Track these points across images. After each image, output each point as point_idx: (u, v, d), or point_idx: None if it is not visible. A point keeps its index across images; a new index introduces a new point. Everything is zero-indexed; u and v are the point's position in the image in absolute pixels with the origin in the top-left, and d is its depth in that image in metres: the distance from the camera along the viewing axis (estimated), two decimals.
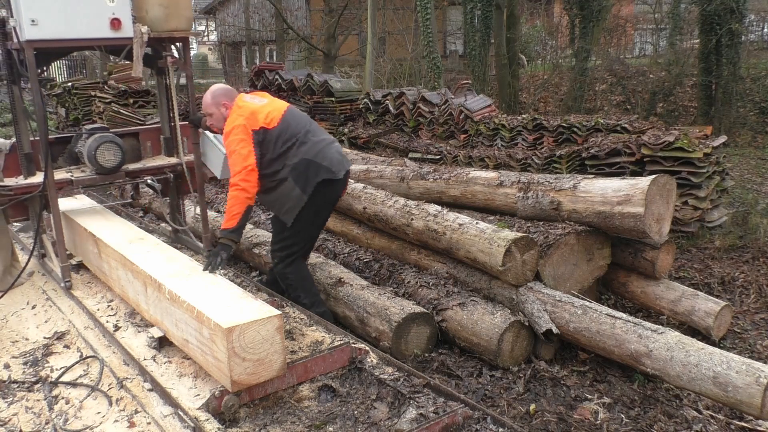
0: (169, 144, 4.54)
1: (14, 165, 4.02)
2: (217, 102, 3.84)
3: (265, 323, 2.74)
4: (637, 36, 19.09)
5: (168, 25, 3.89)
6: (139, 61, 3.73)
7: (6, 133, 11.31)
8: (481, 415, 2.70)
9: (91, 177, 4.05)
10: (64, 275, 3.95)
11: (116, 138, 4.06)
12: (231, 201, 3.58)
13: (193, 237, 4.68)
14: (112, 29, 3.59)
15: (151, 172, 4.35)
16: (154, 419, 2.74)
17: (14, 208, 3.98)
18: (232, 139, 3.63)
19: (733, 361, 2.95)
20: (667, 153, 5.60)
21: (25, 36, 3.35)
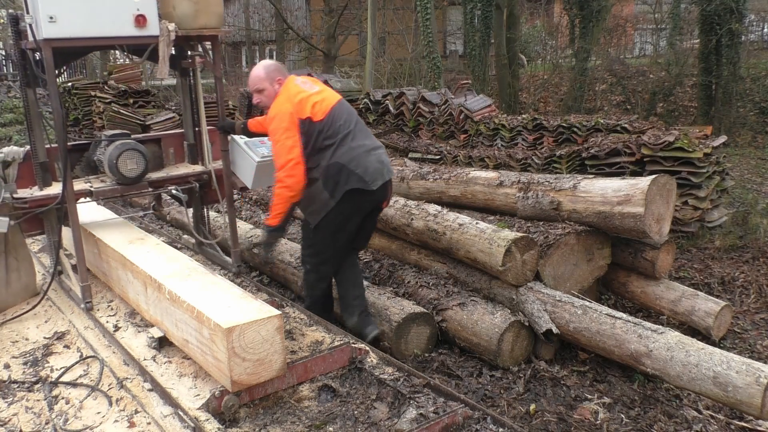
0: (193, 151, 4.26)
1: (29, 175, 3.74)
2: (271, 77, 3.54)
3: (265, 323, 2.74)
4: (637, 36, 19.08)
5: (197, 22, 3.59)
6: (165, 61, 3.45)
7: (6, 133, 11.31)
8: (481, 415, 2.70)
9: (112, 188, 3.75)
10: (84, 296, 3.64)
11: (139, 145, 3.77)
12: (275, 198, 3.45)
13: (219, 251, 4.38)
14: (136, 26, 3.30)
15: (176, 181, 4.04)
16: (154, 419, 2.74)
17: (28, 222, 3.67)
18: (276, 127, 3.40)
19: (733, 361, 2.95)
20: (667, 153, 5.60)
21: (43, 34, 3.08)
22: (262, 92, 3.57)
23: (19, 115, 12.55)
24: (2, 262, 3.76)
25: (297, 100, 3.43)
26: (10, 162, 3.68)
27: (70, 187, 3.45)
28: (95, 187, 3.71)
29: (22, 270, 3.86)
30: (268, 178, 3.88)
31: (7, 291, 3.81)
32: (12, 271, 3.81)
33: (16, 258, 3.82)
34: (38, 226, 3.82)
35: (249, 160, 3.88)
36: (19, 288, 3.87)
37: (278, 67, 3.60)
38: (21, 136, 11.19)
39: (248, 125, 3.97)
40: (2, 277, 3.78)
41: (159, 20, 3.42)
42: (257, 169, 3.85)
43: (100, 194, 3.72)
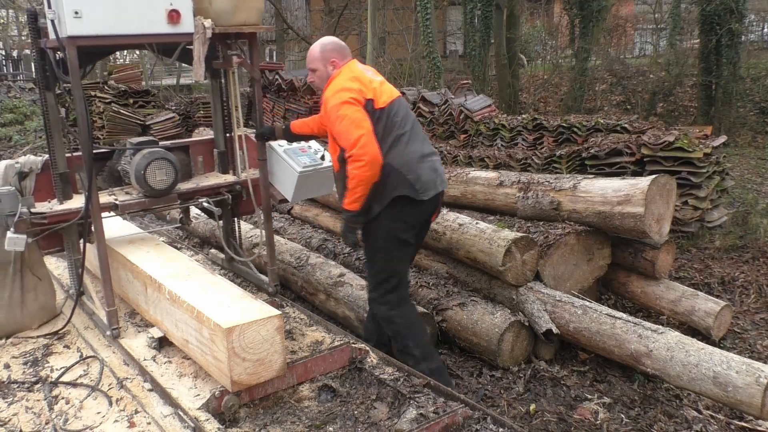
0: (224, 159, 3.96)
1: (47, 186, 3.46)
2: (325, 57, 3.22)
3: (265, 323, 2.74)
4: (637, 36, 19.09)
5: (236, 19, 3.27)
6: (201, 62, 3.14)
7: (6, 133, 11.31)
8: (481, 415, 2.70)
9: (138, 200, 3.43)
10: (110, 322, 3.30)
11: (168, 154, 3.46)
12: (354, 180, 3.01)
13: (254, 268, 4.03)
14: (169, 23, 3.00)
15: (206, 192, 3.71)
16: (154, 419, 2.74)
17: (47, 239, 3.37)
18: (340, 101, 3.04)
19: (733, 361, 2.95)
20: (667, 153, 5.60)
21: (67, 31, 2.78)
22: (314, 72, 3.27)
23: (19, 115, 12.55)
24: (18, 281, 3.49)
25: (363, 80, 3.14)
26: (27, 173, 3.42)
27: (95, 200, 3.14)
28: (120, 200, 3.40)
29: (40, 290, 3.60)
30: (309, 190, 3.69)
31: (22, 312, 3.54)
32: (28, 290, 3.55)
33: (32, 277, 3.55)
34: (57, 243, 3.55)
35: (290, 171, 3.56)
36: (36, 308, 3.60)
37: (336, 48, 3.24)
38: (21, 136, 11.18)
39: (291, 127, 3.62)
40: (17, 298, 3.50)
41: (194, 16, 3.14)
42: (299, 180, 3.53)
43: (125, 208, 3.40)
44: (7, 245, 3.17)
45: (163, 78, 23.17)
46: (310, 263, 4.53)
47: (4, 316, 3.49)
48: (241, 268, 4.21)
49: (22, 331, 3.54)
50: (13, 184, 3.34)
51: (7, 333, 3.51)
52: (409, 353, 3.20)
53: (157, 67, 23.51)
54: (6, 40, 21.21)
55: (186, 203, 3.70)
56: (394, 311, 3.25)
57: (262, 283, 3.94)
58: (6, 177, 3.35)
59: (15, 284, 3.48)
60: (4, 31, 20.78)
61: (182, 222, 4.26)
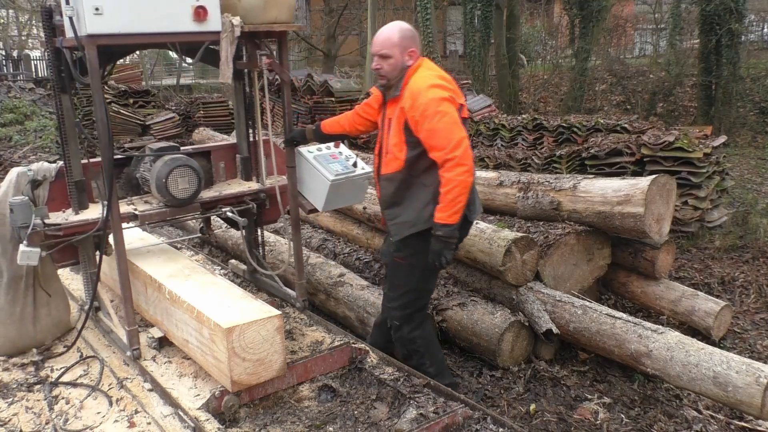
0: (247, 165, 3.74)
1: (61, 195, 3.26)
2: (404, 45, 2.89)
3: (265, 323, 2.74)
4: (637, 36, 19.10)
5: (266, 16, 3.05)
6: (228, 63, 2.92)
7: (6, 133, 11.31)
8: (481, 415, 2.70)
9: (159, 210, 3.22)
10: (131, 342, 3.07)
11: (191, 161, 3.25)
12: (456, 187, 2.72)
13: (279, 282, 3.78)
14: (195, 20, 2.79)
15: (230, 201, 3.49)
16: (154, 419, 2.74)
17: (61, 251, 3.17)
18: (436, 98, 2.76)
19: (733, 361, 2.95)
20: (667, 153, 5.60)
21: (87, 29, 2.58)
22: (386, 59, 2.90)
23: (19, 115, 12.54)
24: (30, 296, 3.32)
25: (452, 85, 2.90)
26: (41, 181, 3.20)
27: (116, 211, 2.92)
28: (140, 210, 3.19)
29: (53, 304, 3.41)
30: (341, 199, 3.48)
31: (35, 327, 3.35)
32: (41, 305, 3.36)
33: (46, 291, 3.37)
34: (72, 256, 3.35)
35: (321, 179, 3.32)
36: (50, 324, 3.41)
37: (414, 36, 2.96)
38: (21, 136, 11.18)
39: (322, 127, 3.44)
40: (30, 313, 3.32)
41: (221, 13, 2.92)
42: (331, 189, 3.30)
43: (146, 218, 3.19)
44: (20, 259, 2.97)
45: (163, 78, 23.18)
46: (310, 263, 4.53)
47: (16, 332, 3.31)
48: (265, 281, 3.96)
49: (34, 347, 3.36)
50: (25, 193, 3.13)
51: (19, 350, 3.34)
52: (424, 371, 3.09)
53: (157, 67, 23.52)
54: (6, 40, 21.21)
55: (208, 213, 3.47)
56: (417, 331, 3.14)
57: (288, 298, 3.72)
58: (18, 185, 3.16)
59: (27, 299, 3.31)
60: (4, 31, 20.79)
61: (203, 232, 3.97)
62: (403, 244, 3.02)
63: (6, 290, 3.26)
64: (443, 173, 2.74)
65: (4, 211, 3.12)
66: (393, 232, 3.03)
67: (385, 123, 3.01)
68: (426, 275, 3.11)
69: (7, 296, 3.26)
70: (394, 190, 2.97)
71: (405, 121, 2.85)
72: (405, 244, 3.01)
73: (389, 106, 2.97)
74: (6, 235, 3.17)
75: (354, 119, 3.33)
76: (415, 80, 2.86)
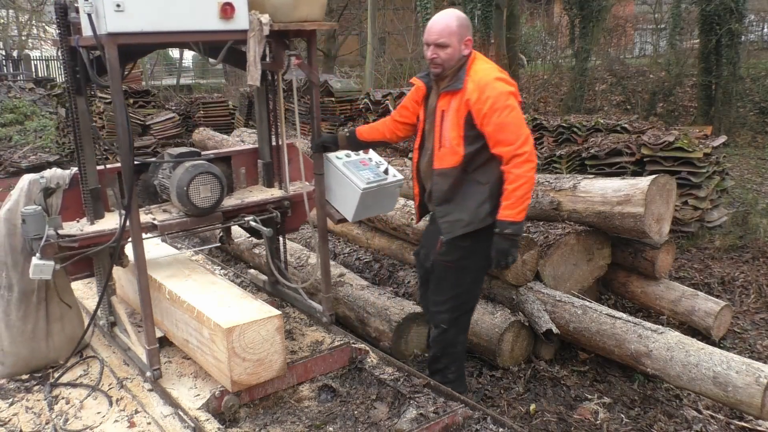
0: (269, 171, 3.59)
1: (75, 204, 3.09)
2: (461, 34, 2.74)
3: (265, 323, 2.74)
4: (637, 36, 19.09)
5: (297, 13, 2.90)
6: (256, 63, 2.76)
7: (6, 133, 11.31)
8: (481, 415, 2.70)
9: (179, 220, 3.05)
10: (151, 362, 2.89)
11: (213, 167, 3.08)
12: (525, 183, 2.65)
13: (304, 295, 3.63)
14: (222, 18, 2.65)
15: (252, 209, 3.32)
16: (154, 419, 2.74)
17: (76, 263, 2.98)
18: (505, 91, 2.69)
19: (733, 361, 2.95)
20: (667, 153, 5.60)
21: (107, 27, 2.42)
22: (444, 48, 2.74)
23: (19, 115, 12.55)
24: (42, 310, 3.15)
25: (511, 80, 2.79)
26: (54, 189, 3.03)
27: (136, 221, 2.74)
28: (159, 220, 3.02)
29: (67, 319, 3.23)
30: (371, 208, 3.31)
31: (47, 344, 3.18)
32: (54, 321, 3.18)
33: (59, 306, 3.20)
34: (86, 268, 3.20)
35: (351, 187, 3.15)
36: (63, 340, 3.23)
37: (470, 25, 2.83)
38: (21, 136, 11.18)
39: (357, 134, 3.24)
40: (42, 329, 3.15)
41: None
42: (362, 198, 3.13)
43: (165, 229, 3.02)
44: (33, 273, 2.79)
45: (163, 78, 23.18)
46: (310, 263, 4.53)
47: (28, 350, 3.13)
48: (287, 293, 3.79)
49: (48, 365, 3.21)
50: (37, 201, 2.97)
51: (31, 368, 3.17)
52: (445, 375, 3.05)
53: (157, 67, 23.52)
54: (6, 40, 21.21)
55: (230, 222, 3.28)
56: (462, 335, 3.07)
57: (313, 311, 3.56)
58: (30, 194, 2.99)
59: (39, 314, 3.13)
60: (4, 31, 20.79)
61: (222, 242, 3.74)
62: (452, 247, 2.88)
63: (17, 305, 3.08)
64: (511, 169, 2.66)
65: (15, 222, 2.97)
66: (445, 230, 2.86)
67: (436, 116, 2.82)
68: (478, 277, 3.04)
69: (18, 312, 3.08)
70: (449, 186, 2.82)
71: (467, 114, 2.71)
72: (454, 247, 2.87)
73: (442, 98, 2.80)
74: (17, 246, 3.00)
75: (393, 126, 3.15)
76: (478, 72, 2.74)
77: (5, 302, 3.06)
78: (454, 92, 2.75)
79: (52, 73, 22.36)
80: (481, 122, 2.69)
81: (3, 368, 3.13)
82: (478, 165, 2.77)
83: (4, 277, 3.04)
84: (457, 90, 2.74)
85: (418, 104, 3.02)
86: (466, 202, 2.81)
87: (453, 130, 2.75)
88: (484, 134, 2.70)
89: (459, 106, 2.73)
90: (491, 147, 2.71)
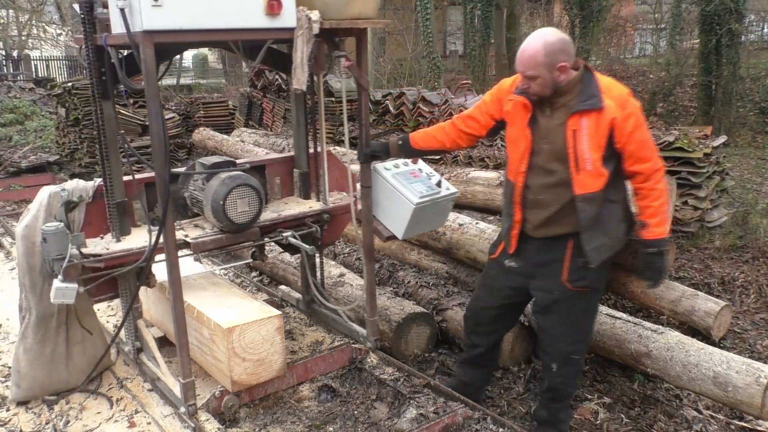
0: (306, 181, 3.35)
1: (98, 219, 2.85)
2: (550, 62, 2.48)
3: (265, 323, 2.74)
4: (637, 36, 19.09)
5: (349, 10, 2.67)
6: (303, 65, 2.55)
7: (6, 133, 11.30)
8: (481, 415, 2.71)
9: (214, 237, 2.79)
10: (186, 396, 2.62)
11: (251, 179, 2.83)
12: (667, 197, 2.59)
13: (345, 317, 3.38)
14: (268, 14, 2.44)
15: (290, 223, 3.08)
16: (154, 419, 2.74)
17: (100, 285, 2.74)
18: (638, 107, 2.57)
19: (733, 361, 2.95)
20: (667, 153, 5.59)
21: (143, 24, 2.22)
22: (533, 80, 2.53)
23: (19, 115, 12.53)
24: (63, 334, 2.95)
25: None
26: (76, 203, 2.79)
27: (172, 240, 2.51)
28: (192, 238, 2.77)
29: (88, 342, 3.04)
30: (423, 224, 3.06)
31: (67, 368, 2.99)
32: (74, 344, 2.99)
33: (80, 328, 3.01)
34: (111, 289, 2.93)
35: (402, 202, 2.89)
36: (84, 364, 3.03)
37: (563, 46, 2.51)
38: (21, 136, 11.17)
39: (411, 141, 2.97)
40: (62, 353, 2.96)
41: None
42: (414, 214, 2.87)
43: (199, 247, 2.77)
44: (54, 298, 2.56)
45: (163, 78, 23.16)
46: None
47: (47, 374, 2.95)
48: (324, 314, 3.55)
49: (67, 390, 3.01)
50: (59, 216, 2.73)
51: (49, 392, 2.98)
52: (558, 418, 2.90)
53: None
54: (6, 40, 21.21)
55: (268, 238, 3.04)
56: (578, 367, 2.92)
57: (355, 335, 3.32)
58: (50, 208, 2.74)
59: (59, 338, 2.95)
60: (4, 31, 20.78)
61: (255, 258, 3.33)
62: (585, 271, 2.68)
63: (35, 329, 2.88)
64: (653, 185, 2.58)
65: (34, 239, 2.72)
66: (592, 259, 2.63)
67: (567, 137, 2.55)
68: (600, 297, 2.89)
69: (36, 336, 2.89)
70: (596, 212, 2.59)
71: (610, 132, 2.52)
72: (587, 270, 2.68)
73: (573, 118, 2.54)
74: (35, 266, 2.76)
75: (456, 135, 2.91)
76: (612, 88, 2.58)
77: (24, 325, 2.90)
78: (590, 111, 2.52)
79: (52, 73, 22.36)
80: (625, 140, 2.53)
81: (19, 391, 2.96)
82: (611, 183, 2.61)
83: (23, 298, 2.86)
84: (596, 109, 2.51)
85: (492, 119, 2.80)
86: (606, 225, 2.63)
87: (594, 152, 2.53)
88: (623, 152, 2.56)
89: (599, 125, 2.52)
90: (629, 164, 2.58)
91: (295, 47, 2.54)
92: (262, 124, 10.12)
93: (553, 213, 2.63)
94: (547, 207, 2.64)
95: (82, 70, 22.14)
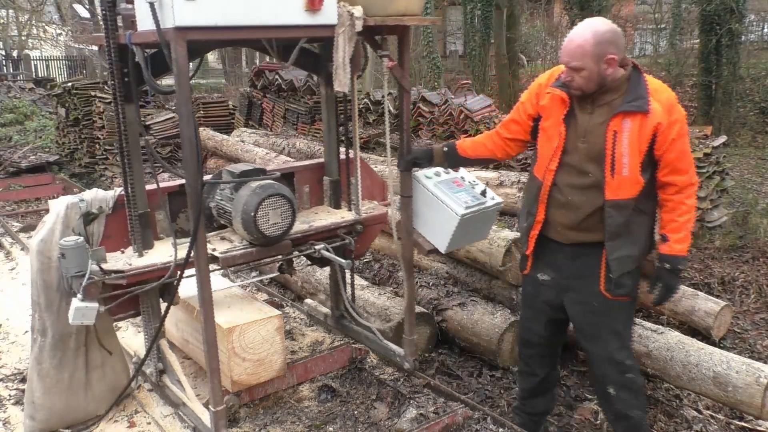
0: (337, 190, 3.15)
1: (119, 231, 2.64)
2: (598, 53, 2.30)
3: (265, 323, 2.74)
4: (637, 36, 19.10)
5: (395, 6, 2.49)
6: (345, 66, 2.39)
7: (6, 133, 11.30)
8: (481, 415, 2.71)
9: (244, 251, 2.58)
10: (216, 425, 2.43)
11: (284, 188, 2.61)
12: (694, 215, 2.46)
13: (379, 335, 3.16)
14: (308, 11, 2.28)
15: (322, 235, 2.88)
16: (154, 419, 2.74)
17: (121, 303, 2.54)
18: (684, 115, 2.42)
19: (733, 361, 2.95)
20: None
21: (175, 21, 2.05)
22: (578, 71, 2.34)
23: (19, 115, 12.54)
24: (81, 357, 2.71)
25: None
26: (96, 214, 2.58)
27: (203, 256, 2.32)
28: (220, 252, 2.56)
29: (108, 367, 2.81)
30: (467, 237, 2.90)
31: (86, 395, 2.75)
32: (94, 368, 2.76)
33: (100, 351, 2.77)
34: (132, 307, 2.73)
35: (446, 213, 2.70)
36: (104, 390, 2.82)
37: (613, 37, 2.32)
38: (21, 136, 11.17)
39: (458, 149, 2.80)
40: (80, 379, 2.72)
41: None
42: (459, 226, 2.70)
43: (228, 262, 2.56)
44: (73, 318, 2.37)
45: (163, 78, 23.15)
46: (309, 264, 4.52)
47: (64, 402, 2.71)
48: (355, 330, 3.33)
49: (86, 419, 2.79)
50: (77, 229, 2.53)
51: (67, 423, 2.74)
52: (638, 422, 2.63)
53: None
54: (6, 40, 21.21)
55: (299, 252, 2.85)
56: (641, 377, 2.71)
57: (390, 354, 3.11)
58: (67, 220, 2.53)
59: (77, 361, 2.70)
60: (4, 31, 20.78)
61: (282, 271, 3.16)
62: (624, 278, 2.54)
63: (51, 352, 2.64)
64: (684, 199, 2.42)
65: (50, 254, 2.50)
66: (614, 268, 2.48)
67: (607, 138, 2.38)
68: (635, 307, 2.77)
69: (53, 360, 2.64)
70: (625, 220, 2.43)
71: (652, 138, 2.35)
72: (625, 277, 2.54)
73: (616, 118, 2.37)
74: (52, 283, 2.54)
75: (502, 141, 2.76)
76: (660, 91, 2.42)
77: (38, 348, 2.64)
78: (635, 113, 2.35)
79: (51, 73, 22.37)
80: (666, 148, 2.37)
81: (34, 424, 2.70)
82: (644, 193, 2.44)
83: (37, 319, 2.62)
84: (642, 112, 2.34)
85: (530, 118, 2.64)
86: (633, 236, 2.47)
87: (634, 156, 2.35)
88: (660, 160, 2.40)
89: (642, 129, 2.34)
90: (664, 174, 2.42)
91: (336, 46, 2.38)
92: (262, 124, 10.12)
93: (584, 218, 2.48)
94: (576, 210, 2.48)
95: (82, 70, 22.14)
